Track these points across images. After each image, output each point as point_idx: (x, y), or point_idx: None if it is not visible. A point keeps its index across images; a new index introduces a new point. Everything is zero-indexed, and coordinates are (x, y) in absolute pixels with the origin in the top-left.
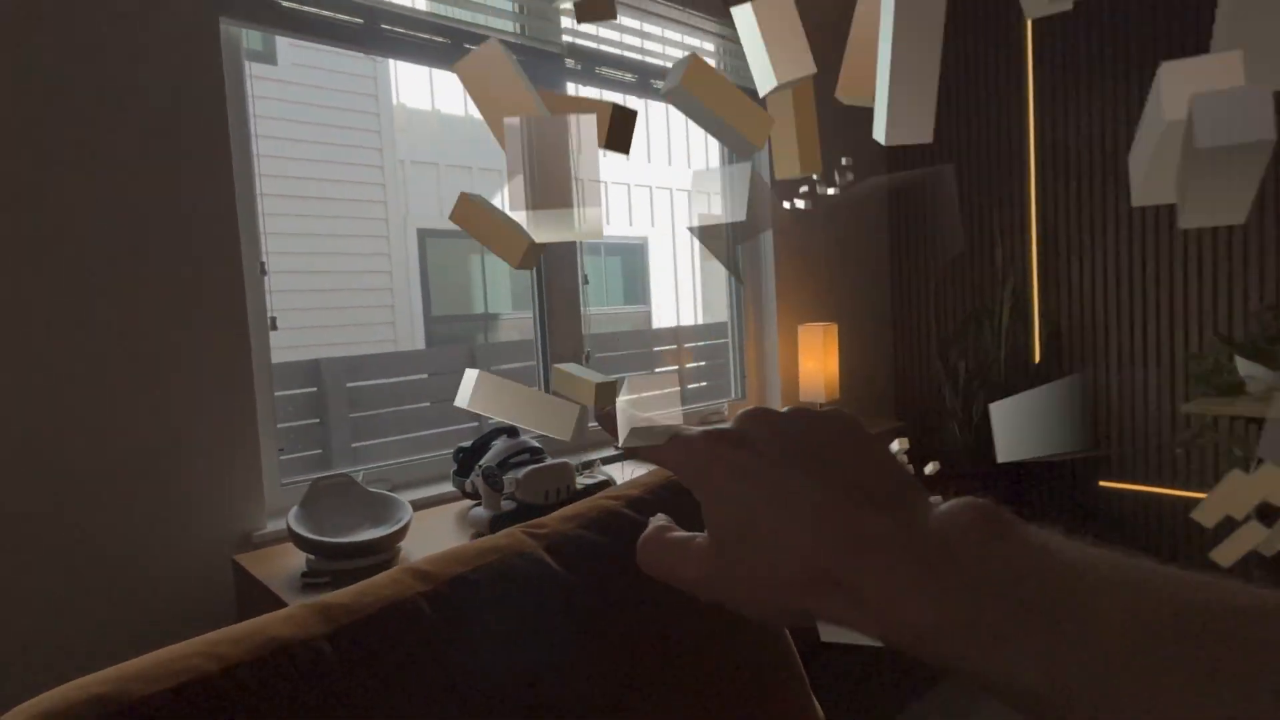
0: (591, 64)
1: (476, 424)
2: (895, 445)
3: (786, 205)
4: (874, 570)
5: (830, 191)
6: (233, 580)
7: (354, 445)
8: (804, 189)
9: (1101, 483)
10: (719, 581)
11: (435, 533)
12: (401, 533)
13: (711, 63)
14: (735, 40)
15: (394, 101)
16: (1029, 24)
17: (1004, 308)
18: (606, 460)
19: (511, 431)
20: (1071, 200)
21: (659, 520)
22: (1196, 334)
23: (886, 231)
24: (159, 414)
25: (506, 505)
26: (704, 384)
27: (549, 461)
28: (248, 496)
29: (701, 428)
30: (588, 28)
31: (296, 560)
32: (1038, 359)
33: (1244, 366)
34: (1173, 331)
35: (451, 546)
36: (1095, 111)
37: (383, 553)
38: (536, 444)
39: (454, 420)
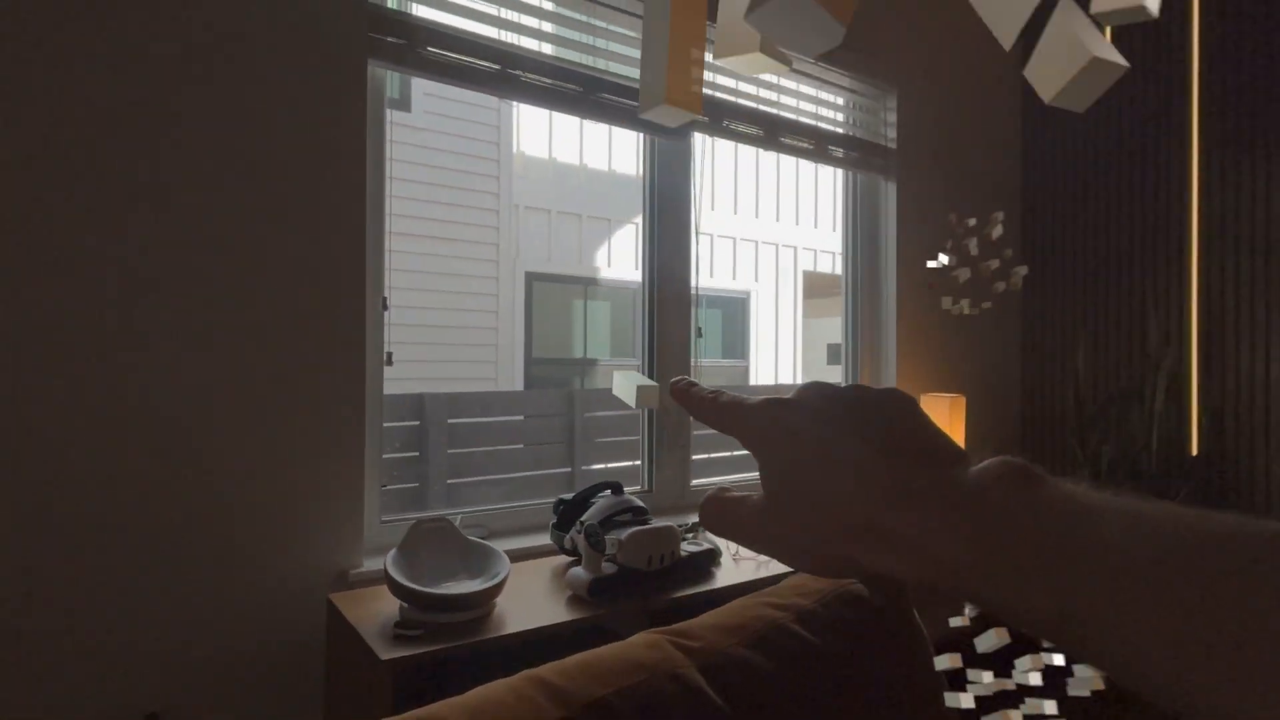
0: (720, 116)
1: (569, 470)
2: None
3: (931, 264)
4: (911, 516)
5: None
6: (325, 620)
7: (449, 481)
8: (949, 245)
9: None
10: (772, 535)
11: (531, 590)
12: (499, 588)
13: (840, 118)
14: (865, 94)
15: (514, 149)
16: (1195, 72)
17: (1157, 389)
18: None
19: (616, 488)
20: (1241, 271)
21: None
22: None
23: (1020, 299)
24: (272, 441)
25: (607, 568)
26: None
27: (654, 524)
28: (349, 531)
29: (761, 397)
30: (716, 78)
31: (390, 606)
32: (1195, 450)
33: None
34: None
35: (581, 654)
36: (1274, 175)
37: (479, 608)
38: (640, 503)
39: (548, 465)
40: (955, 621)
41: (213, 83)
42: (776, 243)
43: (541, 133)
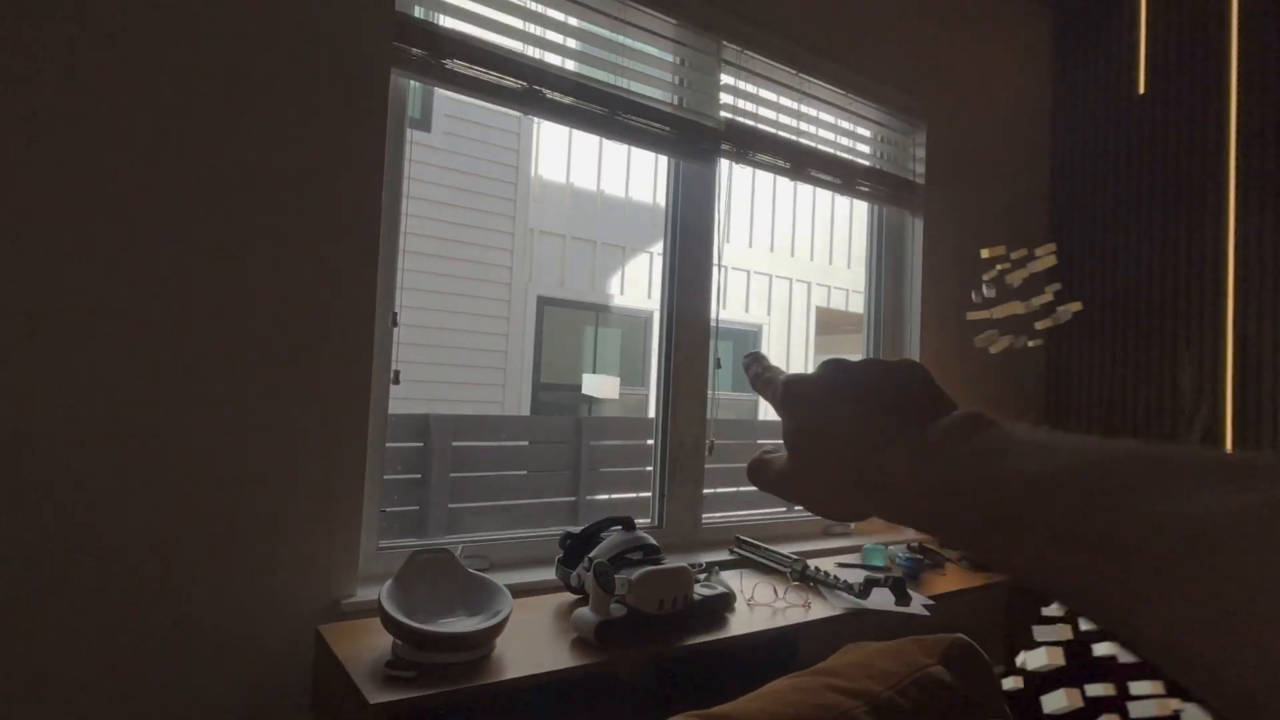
0: (748, 146)
1: (574, 499)
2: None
3: (975, 297)
4: (887, 465)
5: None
6: (313, 653)
7: (451, 506)
8: (988, 278)
9: None
10: (794, 486)
11: (533, 630)
12: (500, 627)
13: (868, 151)
14: (893, 128)
15: (532, 173)
16: (1234, 111)
17: (1191, 444)
18: (725, 565)
19: (627, 523)
20: (1279, 318)
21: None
22: None
23: (1044, 346)
24: (268, 457)
25: (616, 610)
26: None
27: (666, 564)
28: (344, 557)
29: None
30: (744, 105)
31: (383, 641)
32: None
33: None
34: None
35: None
36: None
37: (478, 648)
38: (652, 541)
39: (552, 493)
40: (1008, 684)
41: (232, 87)
42: (790, 277)
43: (560, 157)
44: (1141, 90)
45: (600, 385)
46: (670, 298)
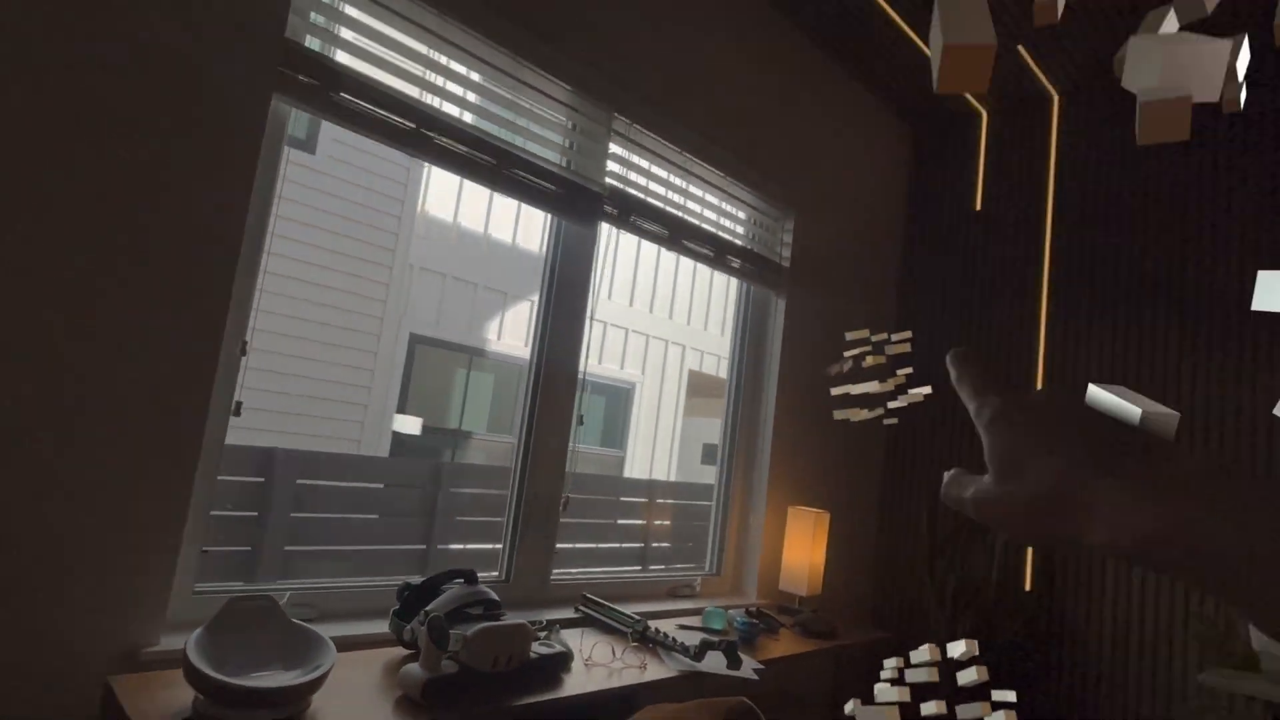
0: (628, 211)
1: (424, 548)
2: (963, 646)
3: (833, 371)
4: (1112, 493)
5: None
6: (99, 708)
7: (287, 548)
8: (848, 358)
9: None
10: (990, 505)
11: (356, 687)
12: (318, 683)
13: (741, 231)
14: (765, 213)
15: (418, 207)
16: (1049, 228)
17: None
18: (568, 623)
19: (469, 576)
20: None
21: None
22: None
23: (884, 427)
24: (68, 480)
25: (447, 666)
26: (668, 545)
27: (506, 620)
28: (150, 600)
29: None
30: (629, 174)
31: (184, 696)
32: (1029, 586)
33: (1258, 640)
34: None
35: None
36: (1105, 333)
37: (288, 705)
38: (494, 596)
39: (402, 540)
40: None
41: (90, 91)
42: (666, 338)
43: (449, 196)
44: (978, 207)
45: (407, 423)
46: (540, 348)
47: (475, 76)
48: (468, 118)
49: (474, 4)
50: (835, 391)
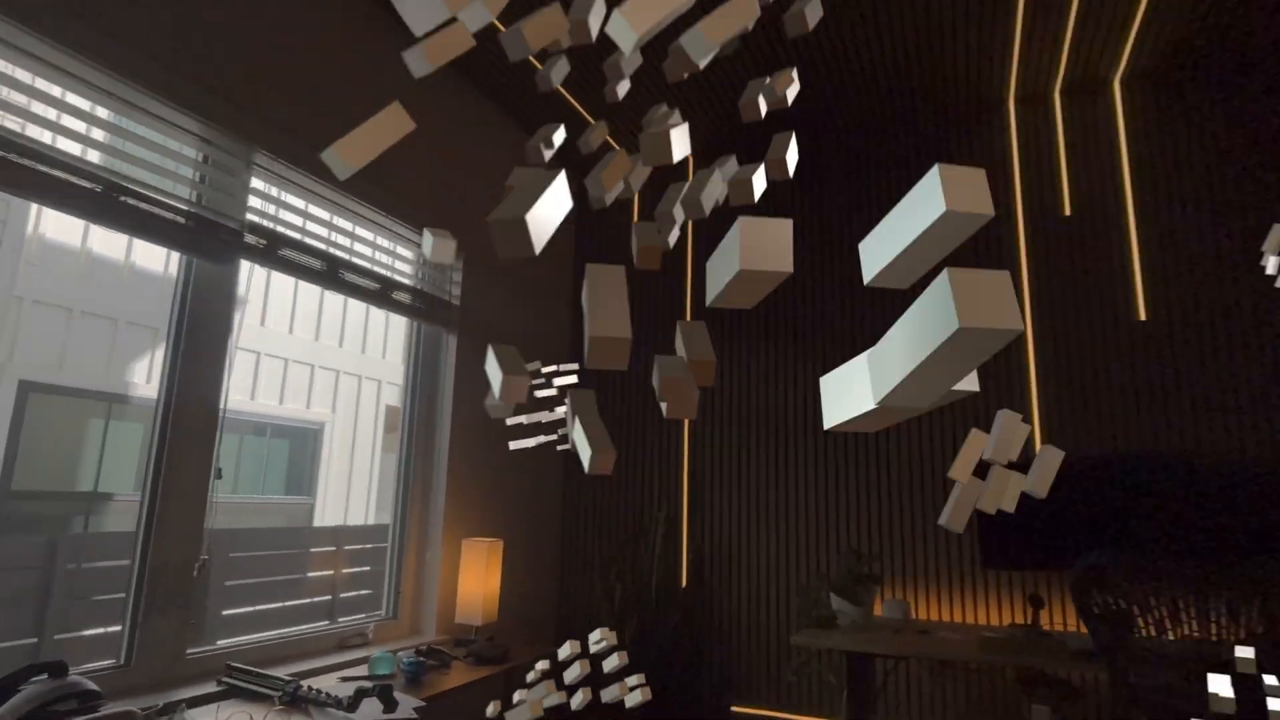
0: (275, 245)
1: (37, 640)
2: (598, 634)
3: (491, 409)
4: None
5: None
6: None
7: None
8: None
9: (734, 707)
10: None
11: None
12: None
13: (408, 270)
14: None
15: (28, 229)
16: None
17: (658, 532)
18: (207, 699)
19: (56, 669)
20: (722, 431)
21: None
22: (808, 569)
23: (558, 452)
24: None
25: None
26: (363, 593)
27: (107, 710)
28: None
29: None
30: (271, 208)
31: None
32: (685, 583)
33: (835, 602)
34: (790, 565)
35: None
36: (754, 370)
37: None
38: (93, 686)
39: (3, 635)
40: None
41: None
42: (359, 374)
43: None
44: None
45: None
46: (170, 387)
47: (79, 101)
48: (63, 144)
49: (91, 34)
50: (510, 422)
